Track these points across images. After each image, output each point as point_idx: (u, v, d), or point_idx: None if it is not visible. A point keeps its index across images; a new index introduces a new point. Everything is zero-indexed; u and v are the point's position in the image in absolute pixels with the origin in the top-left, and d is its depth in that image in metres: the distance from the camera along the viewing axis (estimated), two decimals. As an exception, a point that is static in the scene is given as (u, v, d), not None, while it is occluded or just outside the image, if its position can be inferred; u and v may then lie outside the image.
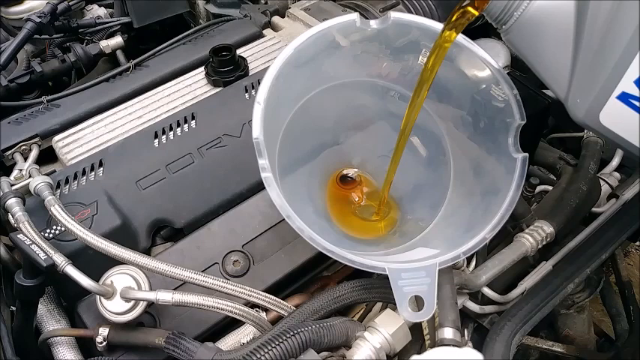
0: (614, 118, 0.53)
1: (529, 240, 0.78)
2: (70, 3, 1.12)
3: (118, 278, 0.63)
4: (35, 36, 1.04)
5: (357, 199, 0.84)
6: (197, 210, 0.77)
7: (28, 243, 0.63)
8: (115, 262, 0.64)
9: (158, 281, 0.67)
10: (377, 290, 0.68)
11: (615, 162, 0.99)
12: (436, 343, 0.62)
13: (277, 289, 0.74)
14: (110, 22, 1.19)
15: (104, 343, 0.64)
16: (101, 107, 0.93)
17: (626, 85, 0.50)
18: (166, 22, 1.19)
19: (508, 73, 0.71)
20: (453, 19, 0.61)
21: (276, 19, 1.12)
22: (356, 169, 0.86)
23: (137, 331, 0.65)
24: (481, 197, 0.71)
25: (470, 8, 0.59)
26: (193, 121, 0.88)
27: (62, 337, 0.67)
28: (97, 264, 0.65)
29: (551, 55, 0.57)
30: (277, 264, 0.74)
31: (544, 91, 0.93)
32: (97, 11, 1.25)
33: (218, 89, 0.96)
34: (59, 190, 0.78)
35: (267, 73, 0.66)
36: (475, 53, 0.71)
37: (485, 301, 0.78)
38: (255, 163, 0.61)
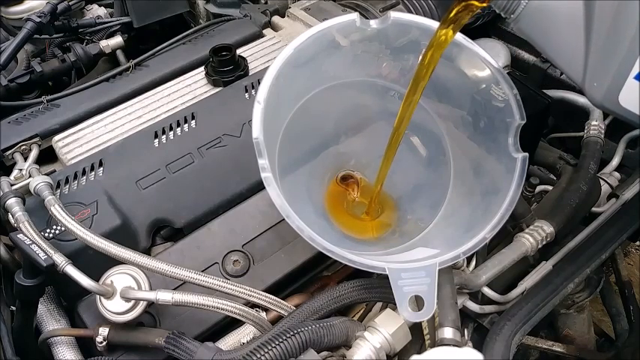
0: (634, 98, 0.52)
1: (529, 240, 0.78)
2: (70, 3, 1.12)
3: (118, 278, 0.63)
4: (35, 36, 1.04)
5: (352, 198, 0.84)
6: (197, 210, 0.77)
7: (28, 243, 0.63)
8: (115, 262, 0.64)
9: (158, 281, 0.67)
10: (377, 290, 0.68)
11: (615, 162, 0.99)
12: (436, 343, 0.62)
13: (277, 289, 0.74)
14: (110, 22, 1.19)
15: (104, 343, 0.64)
16: (101, 107, 0.93)
17: (643, 64, 0.49)
18: (166, 22, 1.19)
19: (508, 73, 0.71)
20: (451, 15, 0.61)
21: (276, 18, 1.12)
22: (355, 170, 0.86)
23: (137, 331, 0.65)
24: (481, 197, 0.71)
25: (474, 1, 0.58)
26: (193, 121, 0.88)
27: (62, 337, 0.67)
28: (97, 264, 0.65)
29: (563, 40, 0.56)
30: (277, 264, 0.74)
31: (544, 90, 0.93)
32: (97, 11, 1.25)
33: (218, 89, 0.96)
34: (59, 190, 0.78)
35: (267, 72, 0.66)
36: (475, 53, 0.71)
37: (485, 301, 0.78)
38: (255, 163, 0.61)
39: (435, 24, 0.70)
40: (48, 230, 0.71)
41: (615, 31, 0.50)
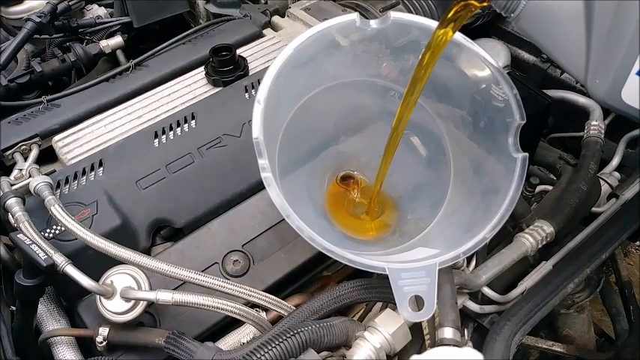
0: (637, 94, 0.52)
1: (529, 240, 0.78)
2: (70, 3, 1.12)
3: (118, 278, 0.63)
4: (35, 36, 1.04)
5: (352, 198, 0.84)
6: (197, 210, 0.77)
7: (28, 243, 0.63)
8: (115, 262, 0.64)
9: (158, 281, 0.67)
10: (377, 290, 0.68)
11: (615, 162, 0.99)
12: (436, 343, 0.62)
13: (277, 289, 0.74)
14: (110, 21, 1.19)
15: (104, 343, 0.64)
16: (101, 107, 0.93)
17: (645, 60, 0.49)
18: (166, 22, 1.19)
19: (508, 73, 0.71)
20: (450, 15, 0.61)
21: (276, 18, 1.12)
22: (355, 170, 0.86)
23: (137, 331, 0.65)
24: (481, 197, 0.71)
25: (473, 1, 0.58)
26: (193, 121, 0.87)
27: (62, 337, 0.67)
28: (97, 264, 0.65)
29: (564, 38, 0.57)
30: (277, 264, 0.74)
31: (544, 90, 0.93)
32: (97, 11, 1.25)
33: (218, 89, 0.96)
34: (59, 190, 0.78)
35: (267, 72, 0.66)
36: (475, 53, 0.71)
37: (485, 300, 0.78)
38: (255, 163, 0.61)
39: (435, 24, 0.70)
40: (48, 230, 0.71)
41: (616, 28, 0.50)
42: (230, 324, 0.70)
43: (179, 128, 0.87)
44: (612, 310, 1.07)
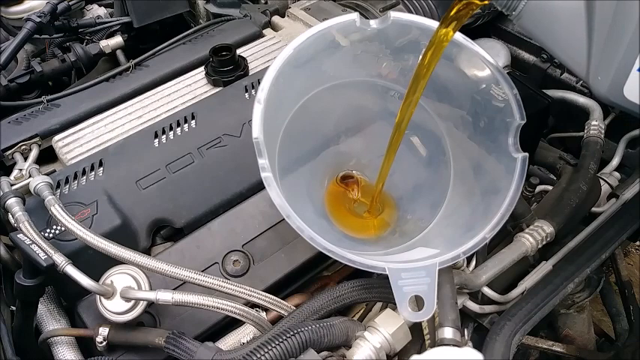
0: (638, 91, 0.52)
1: (529, 240, 0.78)
2: (70, 3, 1.12)
3: (118, 278, 0.63)
4: (35, 36, 1.04)
5: (352, 197, 0.84)
6: (197, 210, 0.77)
7: (28, 243, 0.63)
8: (115, 261, 0.64)
9: (158, 281, 0.67)
10: (377, 290, 0.68)
11: (615, 162, 0.99)
12: (436, 343, 0.62)
13: (277, 289, 0.74)
14: (110, 21, 1.19)
15: (104, 343, 0.64)
16: (101, 107, 0.93)
17: (647, 56, 0.49)
18: (166, 22, 1.19)
19: (508, 73, 0.71)
20: (452, 13, 0.61)
21: (276, 18, 1.12)
22: (355, 170, 0.86)
23: (137, 331, 0.65)
24: (481, 197, 0.71)
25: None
26: (193, 121, 0.88)
27: (62, 337, 0.67)
28: (97, 264, 0.65)
29: (565, 35, 0.57)
30: (277, 264, 0.74)
31: (544, 90, 0.93)
32: (97, 11, 1.25)
33: (218, 89, 0.96)
34: (59, 190, 0.78)
35: (268, 72, 0.66)
36: (475, 53, 0.71)
37: (485, 300, 0.78)
38: (255, 163, 0.61)
39: (435, 24, 0.70)
40: (48, 230, 0.71)
41: (617, 25, 0.50)
42: (230, 324, 0.70)
43: (179, 128, 0.87)
44: (612, 310, 1.07)
